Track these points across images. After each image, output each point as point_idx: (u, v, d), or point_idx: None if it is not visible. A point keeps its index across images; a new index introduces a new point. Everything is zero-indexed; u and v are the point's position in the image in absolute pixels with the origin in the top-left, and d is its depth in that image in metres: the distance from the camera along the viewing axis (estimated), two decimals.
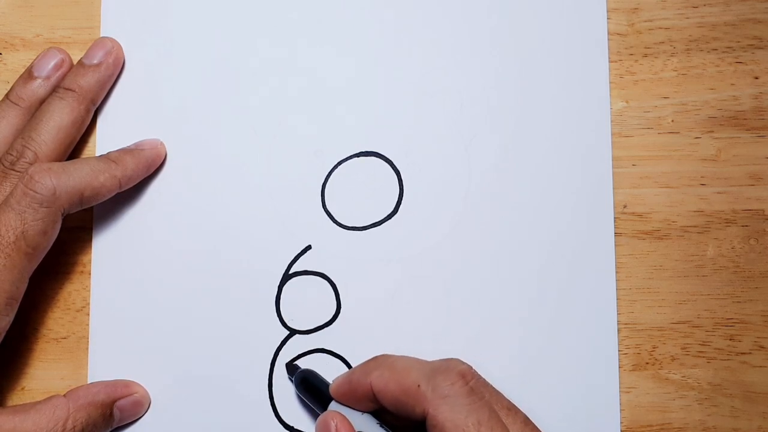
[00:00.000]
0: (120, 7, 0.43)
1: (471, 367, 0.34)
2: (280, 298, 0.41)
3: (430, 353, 0.40)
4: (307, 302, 0.41)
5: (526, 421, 0.34)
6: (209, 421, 0.40)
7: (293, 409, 0.40)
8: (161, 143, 0.42)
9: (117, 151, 0.41)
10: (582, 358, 0.40)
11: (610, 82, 0.42)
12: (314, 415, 0.40)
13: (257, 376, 0.41)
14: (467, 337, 0.40)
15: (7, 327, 0.37)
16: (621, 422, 0.39)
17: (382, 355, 0.36)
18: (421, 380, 0.33)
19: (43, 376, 0.42)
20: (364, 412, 0.36)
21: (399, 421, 0.35)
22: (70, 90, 0.40)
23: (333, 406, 0.37)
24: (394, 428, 0.35)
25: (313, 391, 0.38)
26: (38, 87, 0.41)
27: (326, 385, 0.38)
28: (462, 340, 0.40)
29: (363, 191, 0.42)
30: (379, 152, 0.42)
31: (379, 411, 0.36)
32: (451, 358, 0.35)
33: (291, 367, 0.40)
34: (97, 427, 0.38)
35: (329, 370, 0.40)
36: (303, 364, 0.41)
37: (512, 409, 0.34)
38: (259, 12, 0.43)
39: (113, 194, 0.40)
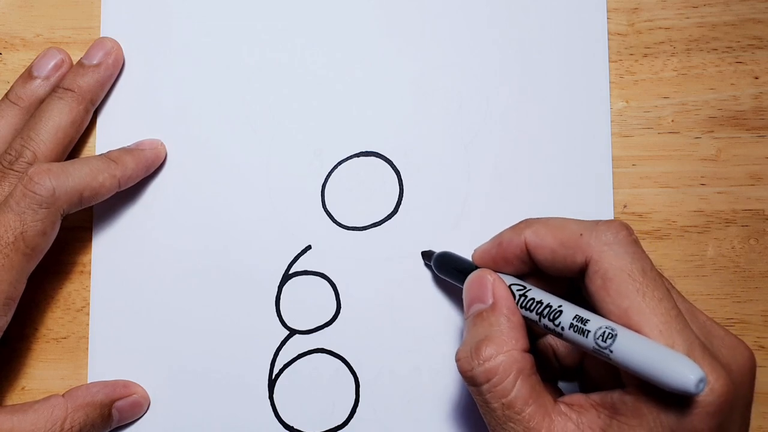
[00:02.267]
0: (120, 7, 0.43)
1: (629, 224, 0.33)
2: (280, 298, 0.41)
3: (430, 353, 0.40)
4: (307, 302, 0.41)
5: (671, 285, 0.33)
6: (209, 421, 0.40)
7: (293, 409, 0.40)
8: (161, 143, 0.42)
9: (117, 150, 0.41)
10: None
11: (610, 82, 0.42)
12: (316, 412, 0.40)
13: (257, 376, 0.41)
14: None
15: (5, 327, 0.37)
16: None
17: (530, 218, 0.35)
18: (582, 230, 0.32)
19: (43, 376, 0.42)
20: (507, 275, 0.35)
21: (545, 285, 0.35)
22: (70, 90, 0.40)
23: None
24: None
25: (454, 268, 0.38)
26: (38, 87, 0.41)
27: (466, 260, 0.37)
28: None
29: (363, 191, 0.42)
30: (379, 152, 0.42)
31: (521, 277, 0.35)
32: None
33: (427, 254, 0.40)
34: (96, 427, 0.38)
35: (329, 370, 0.40)
36: (303, 363, 0.41)
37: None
38: (259, 12, 0.43)
39: (113, 193, 0.40)
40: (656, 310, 0.29)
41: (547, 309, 0.32)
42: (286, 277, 0.41)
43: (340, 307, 0.41)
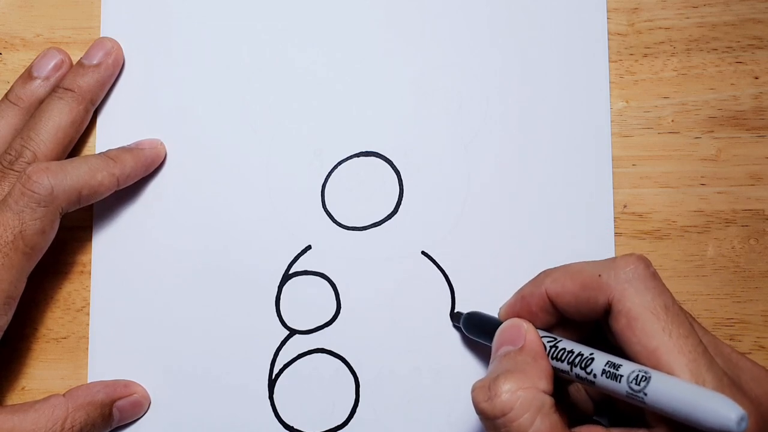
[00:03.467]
0: (120, 7, 0.43)
1: (646, 257, 0.32)
2: (280, 298, 0.41)
3: (431, 353, 0.40)
4: (307, 302, 0.41)
5: (693, 317, 0.33)
6: (209, 421, 0.40)
7: (293, 409, 0.40)
8: (161, 143, 0.42)
9: (116, 149, 0.41)
10: None
11: (610, 82, 0.42)
12: (316, 412, 0.40)
13: (257, 376, 0.41)
14: (468, 337, 0.40)
15: (5, 326, 0.37)
16: None
17: (548, 268, 0.35)
18: (601, 271, 0.32)
19: (43, 376, 0.42)
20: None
21: (572, 333, 0.34)
22: (70, 90, 0.40)
23: None
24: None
25: (482, 327, 0.37)
26: (38, 87, 0.41)
27: (493, 318, 0.37)
28: (463, 340, 0.40)
29: (363, 191, 0.42)
30: (379, 152, 0.42)
31: (550, 327, 0.35)
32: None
33: (455, 316, 0.40)
34: (96, 427, 0.38)
35: (329, 370, 0.40)
36: (303, 364, 0.41)
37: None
38: (258, 12, 0.43)
39: (111, 192, 0.40)
40: (683, 348, 0.29)
41: (579, 357, 0.31)
42: (286, 277, 0.41)
43: (340, 307, 0.41)
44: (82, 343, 0.42)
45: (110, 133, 0.42)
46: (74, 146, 0.41)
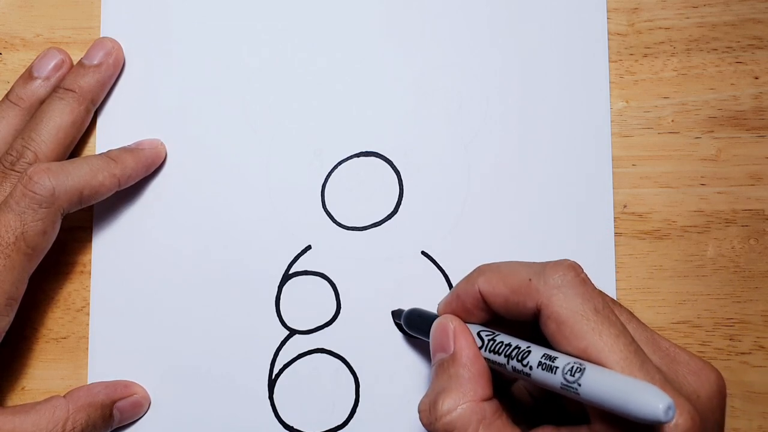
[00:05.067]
0: (120, 7, 0.43)
1: (577, 263, 0.33)
2: (280, 298, 0.41)
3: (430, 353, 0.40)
4: (307, 302, 0.41)
5: (631, 315, 0.33)
6: (209, 421, 0.40)
7: (293, 409, 0.40)
8: (161, 143, 0.42)
9: (117, 149, 0.41)
10: None
11: (610, 82, 0.42)
12: (316, 412, 0.40)
13: (257, 376, 0.41)
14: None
15: (6, 327, 0.37)
16: None
17: (484, 264, 0.35)
18: (531, 275, 0.32)
19: (43, 376, 0.42)
20: (474, 324, 0.35)
21: (510, 328, 0.34)
22: (70, 90, 0.40)
23: None
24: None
25: (422, 323, 0.37)
26: (38, 87, 0.41)
27: (432, 314, 0.37)
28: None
29: (363, 191, 0.42)
30: (379, 152, 0.42)
31: (488, 323, 0.35)
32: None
33: (396, 313, 0.40)
34: (97, 427, 0.38)
35: (329, 370, 0.40)
36: (303, 364, 0.41)
37: (616, 303, 0.33)
38: (258, 12, 0.43)
39: (112, 192, 0.40)
40: (614, 347, 0.29)
41: (516, 350, 0.31)
42: (286, 277, 0.41)
43: (340, 307, 0.41)
44: (82, 343, 0.42)
45: (110, 134, 0.42)
46: (75, 146, 0.41)
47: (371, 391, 0.40)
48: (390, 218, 0.41)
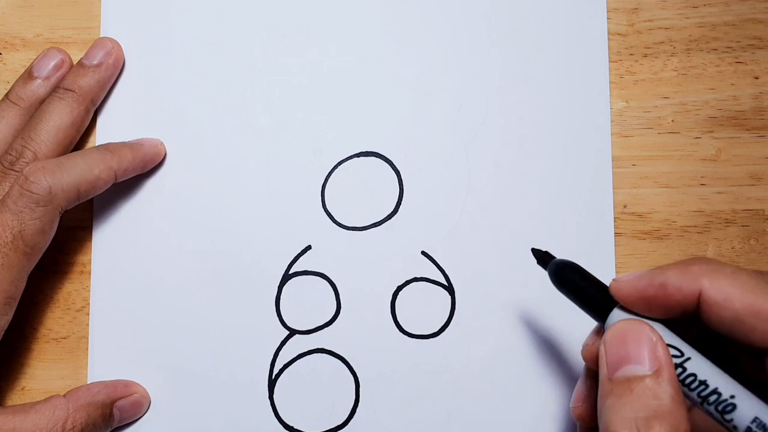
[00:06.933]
0: (120, 7, 0.43)
1: None
2: (280, 298, 0.41)
3: (431, 353, 0.40)
4: (307, 302, 0.41)
5: None
6: (209, 421, 0.40)
7: (293, 409, 0.40)
8: (161, 143, 0.42)
9: (115, 143, 0.41)
10: None
11: (610, 82, 0.42)
12: (316, 412, 0.40)
13: (257, 376, 0.41)
14: (468, 337, 0.40)
15: (5, 326, 0.37)
16: None
17: (702, 257, 0.29)
18: None
19: (43, 376, 0.42)
20: (655, 320, 0.29)
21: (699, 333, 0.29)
22: (70, 90, 0.40)
23: (617, 313, 0.30)
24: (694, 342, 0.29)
25: (580, 289, 0.31)
26: (38, 87, 0.41)
27: (599, 283, 0.31)
28: (463, 341, 0.40)
29: (363, 191, 0.42)
30: (379, 152, 0.42)
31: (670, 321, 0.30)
32: None
33: (540, 255, 0.34)
34: (97, 427, 0.38)
35: (329, 370, 0.40)
36: (303, 363, 0.41)
37: None
38: (258, 12, 0.43)
39: (109, 185, 0.39)
40: None
41: (715, 396, 0.27)
42: (286, 277, 0.41)
43: (340, 307, 0.41)
44: (82, 343, 0.42)
45: (110, 134, 0.42)
46: (75, 146, 0.41)
47: (371, 391, 0.40)
48: (390, 218, 0.41)
